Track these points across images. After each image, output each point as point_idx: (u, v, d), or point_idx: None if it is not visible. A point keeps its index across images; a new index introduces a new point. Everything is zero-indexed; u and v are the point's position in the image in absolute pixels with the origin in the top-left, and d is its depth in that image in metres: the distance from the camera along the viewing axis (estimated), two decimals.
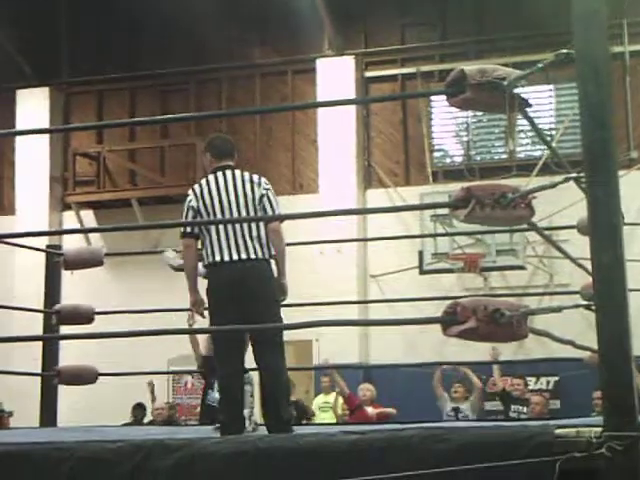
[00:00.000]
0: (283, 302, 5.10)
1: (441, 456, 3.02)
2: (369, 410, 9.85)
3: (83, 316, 6.40)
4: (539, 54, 10.24)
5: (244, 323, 4.77)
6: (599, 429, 2.84)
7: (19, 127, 14.21)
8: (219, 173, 5.07)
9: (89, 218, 14.40)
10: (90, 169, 14.58)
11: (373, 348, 12.80)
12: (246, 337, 5.05)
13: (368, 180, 13.52)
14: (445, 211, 10.32)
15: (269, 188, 5.06)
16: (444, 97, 3.47)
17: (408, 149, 13.56)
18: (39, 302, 7.05)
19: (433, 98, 13.43)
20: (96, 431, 5.71)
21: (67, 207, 14.54)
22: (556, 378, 12.06)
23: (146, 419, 11.70)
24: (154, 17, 14.18)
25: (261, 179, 5.08)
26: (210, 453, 3.31)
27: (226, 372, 4.97)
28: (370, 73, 13.72)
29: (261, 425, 5.24)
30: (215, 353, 5.12)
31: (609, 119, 2.95)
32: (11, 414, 12.34)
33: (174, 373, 12.77)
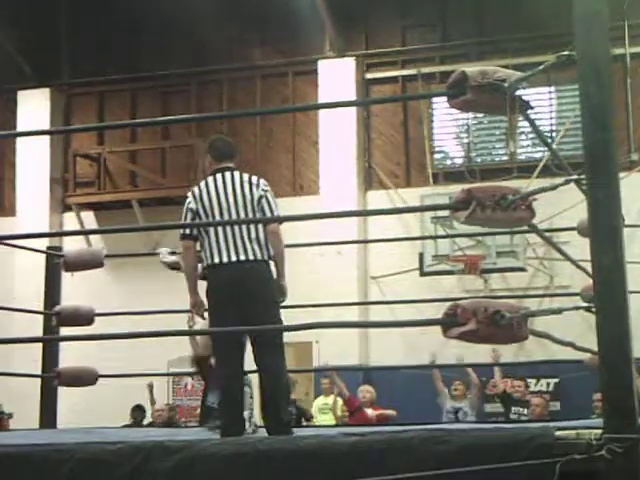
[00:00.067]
0: (282, 303, 5.10)
1: (441, 458, 3.02)
2: (369, 412, 9.85)
3: (83, 317, 6.39)
4: (540, 56, 10.26)
5: (244, 324, 4.77)
6: (599, 431, 2.84)
7: (20, 128, 14.21)
8: (218, 175, 5.07)
9: (89, 219, 14.40)
10: (91, 170, 14.58)
11: (373, 350, 12.80)
12: (245, 338, 5.05)
13: (369, 182, 13.52)
14: (446, 213, 10.29)
15: (268, 189, 5.05)
16: (445, 99, 3.47)
17: (409, 151, 13.56)
18: (39, 303, 7.05)
19: (434, 100, 13.43)
20: (96, 433, 5.70)
21: (67, 208, 14.54)
22: (556, 380, 12.06)
23: (145, 421, 11.69)
24: (155, 18, 14.20)
25: (260, 180, 5.08)
26: (210, 455, 3.31)
27: (226, 373, 4.97)
28: (371, 75, 13.72)
29: (261, 427, 5.24)
30: (215, 354, 5.12)
31: (610, 121, 2.95)
32: (11, 416, 12.33)
33: (174, 375, 12.76)
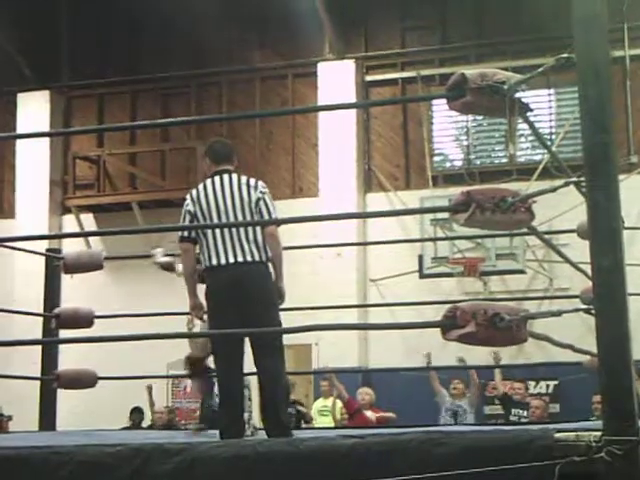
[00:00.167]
0: (281, 306, 5.10)
1: (440, 460, 3.01)
2: (368, 414, 9.84)
3: (83, 320, 6.39)
4: (539, 58, 10.30)
5: (243, 326, 4.77)
6: (599, 433, 2.84)
7: (19, 130, 14.22)
8: (216, 177, 5.08)
9: (89, 222, 14.40)
10: (90, 172, 14.59)
11: (372, 352, 12.80)
12: (245, 340, 5.05)
13: (368, 184, 13.52)
14: (445, 215, 10.32)
15: (266, 192, 5.05)
16: (444, 101, 3.47)
17: (408, 153, 13.57)
18: (39, 306, 7.05)
19: (433, 102, 13.43)
20: (95, 435, 5.70)
21: (67, 211, 14.54)
22: (556, 382, 12.06)
23: (144, 423, 11.68)
24: (154, 20, 14.21)
25: (258, 183, 5.08)
26: (210, 457, 3.31)
27: (225, 375, 4.97)
28: (371, 77, 13.73)
29: (260, 429, 5.24)
30: (214, 356, 5.12)
31: (609, 123, 2.95)
32: (10, 418, 12.33)
33: (173, 377, 12.74)
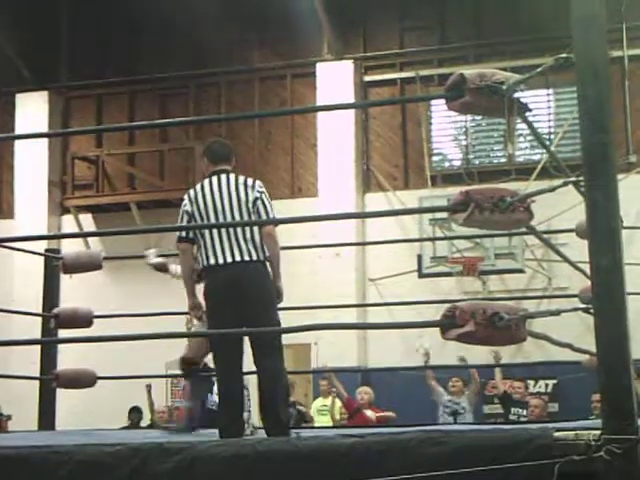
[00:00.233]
0: (279, 305, 5.09)
1: (440, 459, 3.02)
2: (368, 413, 9.84)
3: (82, 319, 6.39)
4: (538, 58, 10.29)
5: (242, 325, 4.77)
6: (598, 432, 2.84)
7: (18, 131, 14.21)
8: (214, 177, 5.08)
9: (88, 222, 14.40)
10: (89, 173, 14.58)
11: (372, 351, 12.80)
12: (244, 339, 5.05)
13: (367, 184, 13.52)
14: (444, 215, 10.30)
15: (263, 191, 5.05)
16: (443, 101, 3.47)
17: (407, 153, 13.57)
18: (38, 306, 7.07)
19: (432, 102, 13.42)
20: (94, 434, 5.71)
21: (66, 211, 14.53)
22: (554, 381, 12.07)
23: (143, 422, 11.68)
24: (153, 21, 14.21)
25: (255, 182, 5.08)
26: (209, 456, 3.31)
27: (225, 375, 4.97)
28: (369, 77, 13.73)
29: (259, 428, 5.24)
30: (214, 356, 5.13)
31: (608, 123, 2.96)
32: (9, 418, 12.31)
33: (172, 377, 12.72)
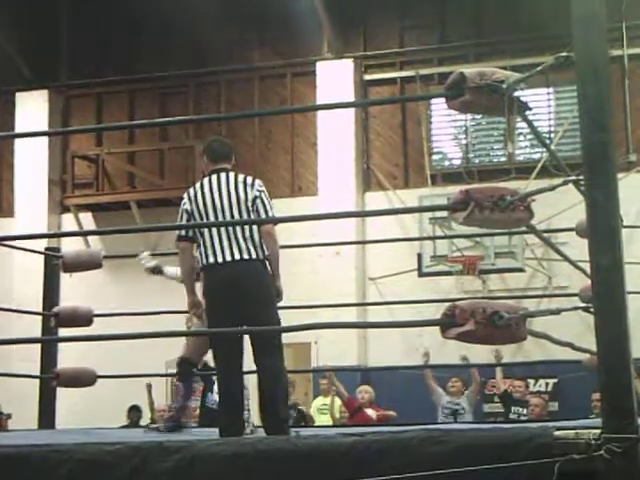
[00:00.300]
0: (278, 304, 5.09)
1: (440, 458, 3.02)
2: (369, 412, 9.84)
3: (82, 318, 6.38)
4: (538, 57, 10.29)
5: (242, 324, 4.77)
6: (598, 431, 2.84)
7: (18, 130, 14.21)
8: (213, 176, 5.07)
9: (88, 220, 14.40)
10: (89, 172, 14.58)
11: (372, 350, 12.80)
12: (244, 338, 5.05)
13: (367, 183, 13.52)
14: (444, 214, 10.29)
15: (262, 190, 5.04)
16: (443, 100, 3.47)
17: (407, 152, 13.57)
18: (38, 304, 7.04)
19: (432, 101, 13.43)
20: (95, 433, 5.71)
21: (66, 209, 14.54)
22: (555, 380, 12.07)
23: (142, 421, 11.66)
24: (153, 20, 14.21)
25: (255, 181, 5.07)
26: (209, 455, 3.31)
27: (225, 374, 4.97)
28: (369, 76, 13.73)
29: (259, 427, 5.24)
30: (214, 355, 5.12)
31: (608, 122, 2.95)
32: (9, 416, 12.33)
33: (172, 375, 12.72)
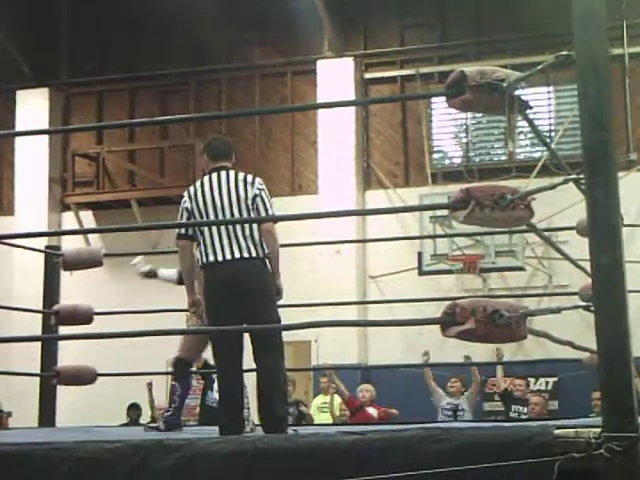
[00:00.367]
0: (278, 303, 5.09)
1: (441, 456, 3.02)
2: (370, 410, 9.83)
3: (82, 316, 6.38)
4: (539, 56, 10.27)
5: (242, 322, 4.77)
6: (598, 430, 2.84)
7: (19, 128, 14.21)
8: (214, 174, 5.07)
9: (88, 219, 14.40)
10: (89, 170, 14.58)
11: (372, 349, 12.80)
12: (244, 337, 5.04)
13: (367, 181, 13.52)
14: (444, 212, 10.30)
15: (263, 188, 5.03)
16: (444, 99, 3.47)
17: (407, 150, 13.57)
18: (38, 302, 7.04)
19: (433, 99, 13.44)
20: (95, 431, 5.71)
21: (66, 208, 14.54)
22: (555, 379, 12.07)
23: (142, 419, 11.66)
24: (154, 18, 14.20)
25: (255, 179, 5.06)
26: (210, 453, 3.31)
27: (225, 372, 4.97)
28: (370, 74, 13.72)
29: (259, 425, 5.24)
30: (214, 353, 5.12)
31: (609, 121, 2.95)
32: (10, 414, 12.34)
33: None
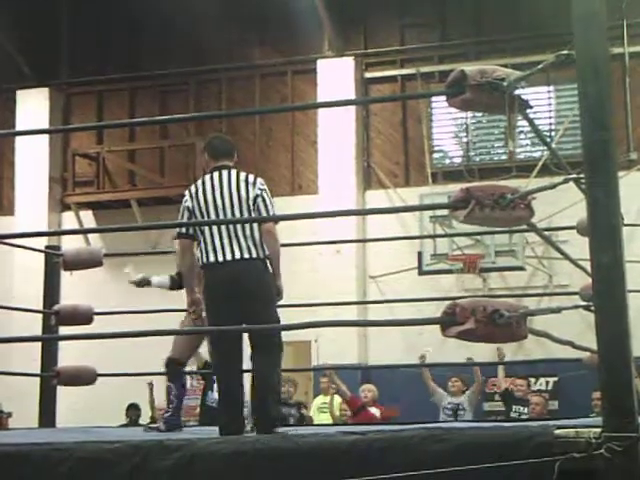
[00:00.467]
0: (278, 303, 5.08)
1: (441, 456, 3.02)
2: (372, 410, 9.82)
3: (82, 316, 6.38)
4: (539, 55, 10.27)
5: (242, 323, 4.77)
6: (598, 430, 2.84)
7: (19, 127, 14.20)
8: (215, 173, 5.05)
9: (88, 219, 14.39)
10: (89, 170, 14.57)
11: (372, 349, 12.79)
12: (244, 337, 5.04)
13: (368, 181, 13.51)
14: (444, 212, 10.30)
15: (264, 188, 5.02)
16: (444, 98, 3.47)
17: (408, 150, 13.56)
18: (38, 303, 7.04)
19: (433, 99, 13.42)
20: (95, 432, 5.71)
21: (66, 207, 14.53)
22: (555, 379, 12.06)
23: (142, 420, 11.66)
24: (154, 18, 14.20)
25: (256, 179, 5.04)
26: (209, 453, 3.32)
27: (225, 372, 4.96)
28: (370, 74, 13.71)
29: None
30: (213, 354, 5.12)
31: (609, 120, 2.95)
32: (10, 415, 12.33)
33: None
